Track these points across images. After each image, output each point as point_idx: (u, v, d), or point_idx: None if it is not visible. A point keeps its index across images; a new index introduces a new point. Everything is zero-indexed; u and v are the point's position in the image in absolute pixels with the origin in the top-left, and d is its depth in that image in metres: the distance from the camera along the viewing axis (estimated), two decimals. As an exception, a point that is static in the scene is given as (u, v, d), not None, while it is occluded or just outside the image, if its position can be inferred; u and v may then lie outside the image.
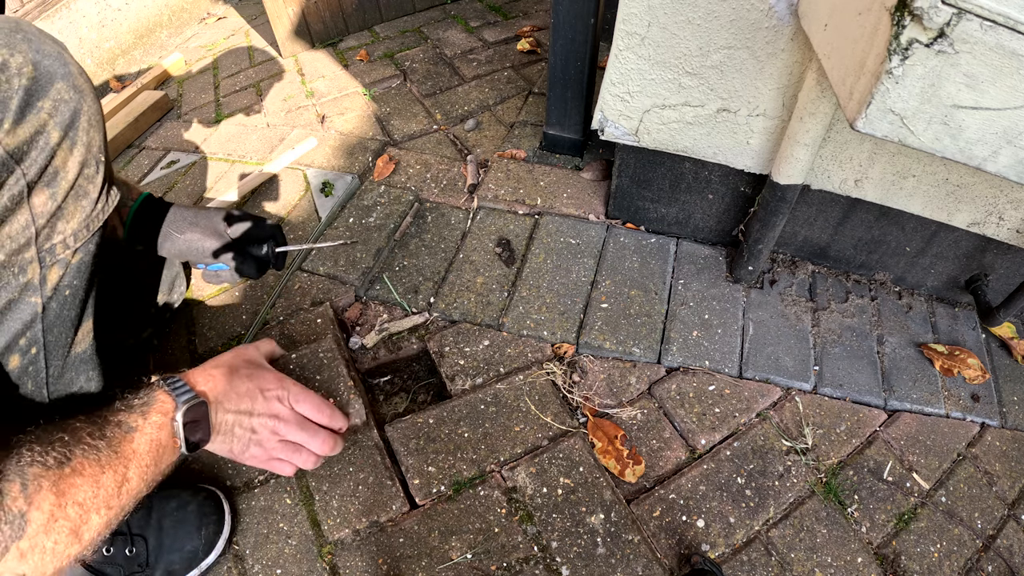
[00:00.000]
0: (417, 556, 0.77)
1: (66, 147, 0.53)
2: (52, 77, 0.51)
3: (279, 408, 0.73)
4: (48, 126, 0.51)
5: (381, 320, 1.03)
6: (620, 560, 0.77)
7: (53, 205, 0.53)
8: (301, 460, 0.74)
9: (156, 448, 0.58)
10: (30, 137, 0.49)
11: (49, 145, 0.51)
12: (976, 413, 0.95)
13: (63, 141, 0.53)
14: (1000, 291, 1.02)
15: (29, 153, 0.49)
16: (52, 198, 0.53)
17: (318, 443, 0.74)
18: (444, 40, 1.76)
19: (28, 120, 0.49)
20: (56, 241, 0.55)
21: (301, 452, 0.74)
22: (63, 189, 0.54)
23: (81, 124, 0.54)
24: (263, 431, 0.71)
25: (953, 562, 0.80)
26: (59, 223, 0.55)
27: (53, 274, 0.56)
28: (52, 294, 0.56)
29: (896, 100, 0.51)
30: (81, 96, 0.54)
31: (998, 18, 0.44)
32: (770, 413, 0.93)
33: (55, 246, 0.55)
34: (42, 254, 0.54)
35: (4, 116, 0.47)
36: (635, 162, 1.07)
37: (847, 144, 0.89)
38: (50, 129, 0.51)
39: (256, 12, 2.12)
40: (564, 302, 1.04)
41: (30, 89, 0.49)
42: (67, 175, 0.54)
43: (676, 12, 0.82)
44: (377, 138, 1.42)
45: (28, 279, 0.53)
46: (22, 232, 0.51)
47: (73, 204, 0.55)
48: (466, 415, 0.90)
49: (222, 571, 0.76)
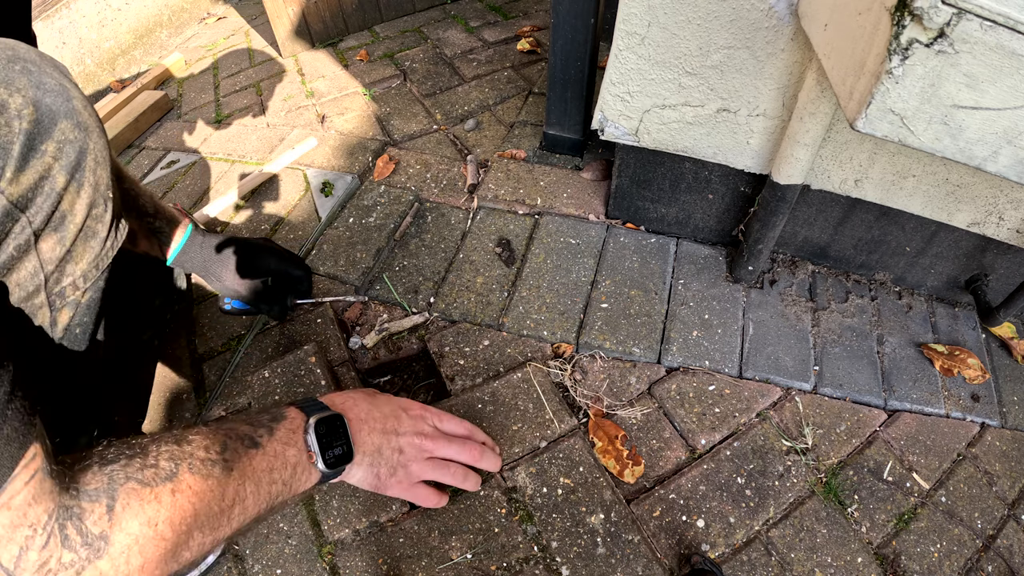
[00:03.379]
0: (417, 556, 0.77)
1: (73, 190, 0.51)
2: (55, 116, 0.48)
3: (424, 426, 0.73)
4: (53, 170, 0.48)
5: (381, 320, 1.03)
6: (620, 560, 0.77)
7: (62, 250, 0.51)
8: (454, 476, 0.74)
9: (284, 466, 0.56)
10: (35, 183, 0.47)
11: (55, 190, 0.49)
12: (976, 413, 0.95)
13: (70, 184, 0.50)
14: (1000, 291, 1.02)
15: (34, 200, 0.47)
16: (60, 243, 0.51)
17: (469, 453, 0.74)
18: (444, 40, 1.76)
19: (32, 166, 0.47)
20: (66, 284, 0.53)
21: (452, 467, 0.74)
22: (71, 233, 0.52)
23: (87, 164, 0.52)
24: (410, 449, 0.70)
25: (953, 562, 0.80)
26: (68, 266, 0.53)
27: (63, 316, 0.54)
28: (63, 335, 0.55)
29: (896, 100, 0.51)
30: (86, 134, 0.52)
31: (998, 18, 0.44)
32: (770, 413, 0.93)
33: (64, 289, 0.53)
34: (52, 298, 0.52)
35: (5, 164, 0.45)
36: (635, 162, 1.07)
37: (847, 144, 0.89)
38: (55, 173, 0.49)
39: (256, 12, 2.12)
40: (564, 302, 1.04)
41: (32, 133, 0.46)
42: (75, 218, 0.52)
43: (676, 12, 0.82)
44: (377, 138, 1.42)
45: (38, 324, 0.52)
46: (31, 279, 0.49)
47: (82, 246, 0.54)
48: (464, 415, 0.90)
49: (222, 571, 0.76)
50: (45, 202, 0.48)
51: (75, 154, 0.50)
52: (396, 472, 0.70)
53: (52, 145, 0.48)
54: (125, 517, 0.43)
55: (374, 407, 0.70)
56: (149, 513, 0.44)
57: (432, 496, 0.74)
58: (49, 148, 0.48)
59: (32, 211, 0.47)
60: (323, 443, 0.61)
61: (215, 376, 0.97)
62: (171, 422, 0.92)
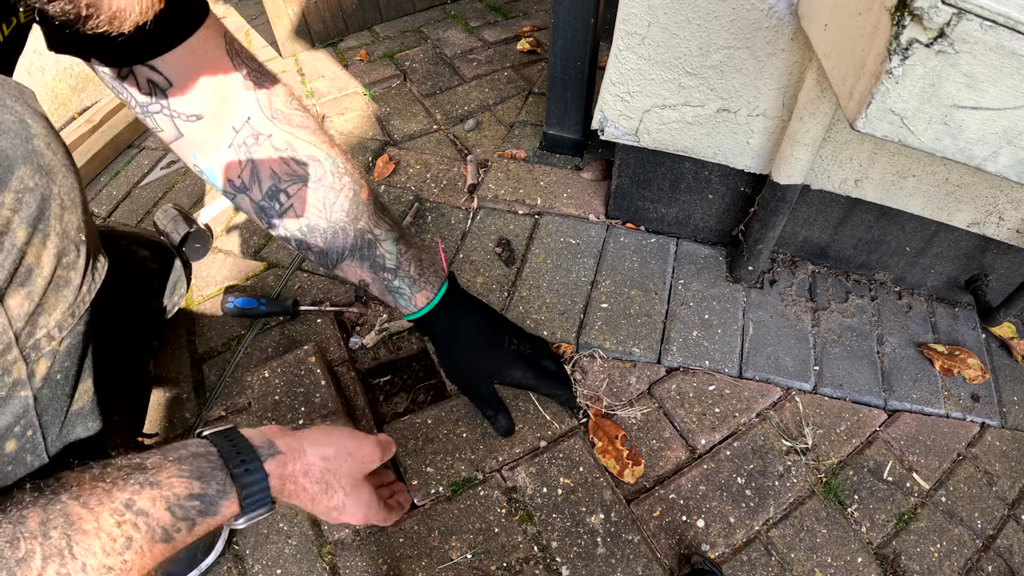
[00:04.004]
0: (417, 556, 0.77)
1: (38, 241, 0.46)
2: (12, 164, 0.43)
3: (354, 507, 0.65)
4: (12, 224, 0.44)
5: (381, 320, 1.03)
6: (620, 560, 0.77)
7: (31, 305, 0.47)
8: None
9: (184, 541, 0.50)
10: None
11: (16, 247, 0.44)
12: (976, 413, 0.95)
13: (33, 237, 0.46)
14: (1000, 291, 1.02)
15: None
16: (28, 297, 0.47)
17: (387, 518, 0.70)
18: (444, 40, 1.76)
19: None
20: (40, 336, 0.50)
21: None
22: (40, 287, 0.48)
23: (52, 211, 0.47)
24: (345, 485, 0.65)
25: (953, 562, 0.80)
26: (40, 318, 0.49)
27: (41, 366, 0.51)
28: (43, 384, 0.52)
29: (896, 100, 0.51)
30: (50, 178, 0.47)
31: (998, 18, 0.44)
32: (770, 413, 0.93)
33: (39, 341, 0.50)
34: (26, 352, 0.49)
35: None
36: (635, 162, 1.07)
37: (847, 144, 0.89)
38: (15, 227, 0.44)
39: (256, 12, 2.12)
40: (564, 302, 1.04)
41: None
42: (43, 271, 0.48)
43: (676, 12, 0.82)
44: (377, 138, 1.42)
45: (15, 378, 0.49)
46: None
47: (54, 296, 0.50)
48: (464, 415, 0.90)
49: (222, 571, 0.76)
50: (6, 259, 0.44)
51: (36, 203, 0.46)
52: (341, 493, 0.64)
53: (9, 196, 0.44)
54: None
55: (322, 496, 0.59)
56: None
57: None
58: (6, 200, 0.43)
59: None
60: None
61: (215, 376, 0.97)
62: (171, 422, 0.92)
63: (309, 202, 0.69)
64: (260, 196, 0.68)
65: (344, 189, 0.71)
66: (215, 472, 0.49)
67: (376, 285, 0.77)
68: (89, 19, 0.35)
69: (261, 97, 0.66)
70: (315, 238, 0.71)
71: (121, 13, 0.36)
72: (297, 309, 1.02)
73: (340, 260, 0.74)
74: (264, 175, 0.67)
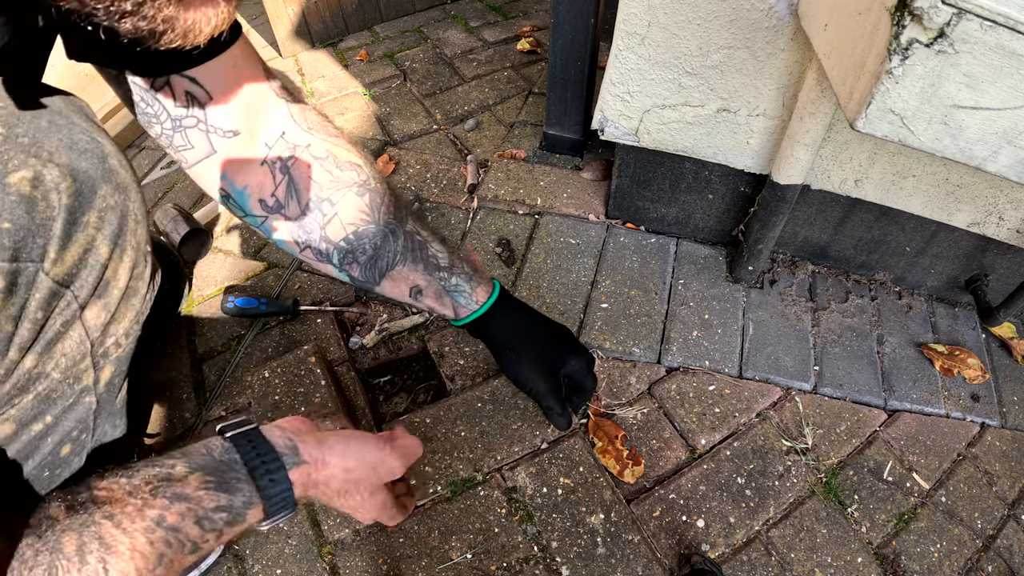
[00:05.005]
0: (417, 556, 0.77)
1: (116, 256, 0.49)
2: (94, 184, 0.45)
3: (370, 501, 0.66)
4: (96, 241, 0.46)
5: (381, 320, 1.03)
6: (620, 560, 0.77)
7: (106, 316, 0.50)
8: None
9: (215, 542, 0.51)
10: (79, 259, 0.45)
11: (100, 262, 0.47)
12: (976, 413, 0.95)
13: (113, 252, 0.48)
14: (1000, 291, 1.02)
15: (79, 275, 0.45)
16: (105, 309, 0.49)
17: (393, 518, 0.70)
18: (444, 40, 1.76)
19: (75, 240, 0.44)
20: (109, 344, 0.52)
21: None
22: (115, 298, 0.50)
23: (129, 227, 0.49)
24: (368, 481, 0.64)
25: (953, 562, 0.80)
26: (111, 327, 0.51)
27: (106, 372, 0.53)
28: (105, 389, 0.54)
29: (896, 100, 0.51)
30: (126, 195, 0.49)
31: (998, 18, 0.44)
32: (770, 413, 0.93)
33: (108, 349, 0.52)
34: (96, 359, 0.51)
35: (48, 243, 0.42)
36: (635, 162, 1.07)
37: (847, 144, 0.89)
38: (99, 244, 0.46)
39: (256, 12, 2.12)
40: (564, 302, 1.04)
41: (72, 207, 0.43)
42: (118, 283, 0.50)
43: (676, 12, 0.82)
44: (377, 138, 1.42)
45: (84, 385, 0.51)
46: (77, 348, 0.48)
47: (124, 306, 0.52)
48: (463, 414, 0.90)
49: (222, 571, 0.76)
50: (90, 275, 0.46)
51: (117, 220, 0.48)
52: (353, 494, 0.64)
53: (94, 215, 0.45)
54: None
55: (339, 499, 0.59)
56: None
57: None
58: (91, 219, 0.45)
59: (77, 285, 0.46)
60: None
61: (215, 376, 0.97)
62: (171, 422, 0.92)
63: (356, 207, 0.66)
64: (299, 211, 0.65)
65: (387, 194, 0.69)
66: (241, 484, 0.49)
67: (432, 287, 0.73)
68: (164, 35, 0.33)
69: (295, 111, 0.64)
70: (364, 244, 0.68)
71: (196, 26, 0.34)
72: (297, 309, 1.02)
73: (391, 266, 0.70)
74: (303, 186, 0.64)
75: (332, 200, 0.65)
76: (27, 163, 0.40)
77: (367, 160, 0.69)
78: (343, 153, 0.66)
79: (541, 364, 0.79)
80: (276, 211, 0.65)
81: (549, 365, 0.79)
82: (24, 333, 0.42)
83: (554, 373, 0.79)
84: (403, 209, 0.71)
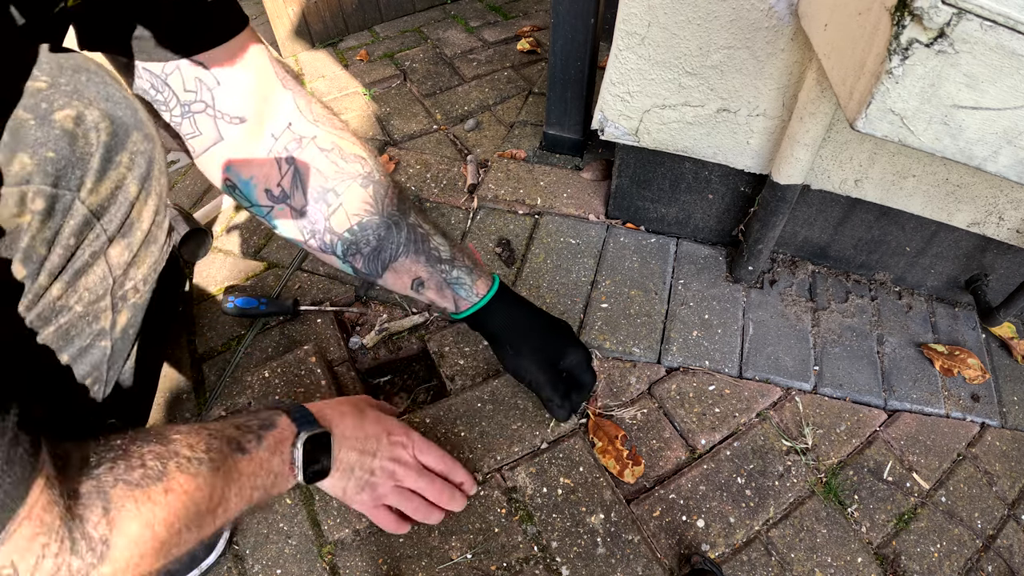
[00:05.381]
0: (417, 556, 0.77)
1: (142, 198, 0.52)
2: (128, 129, 0.49)
3: (402, 453, 0.72)
4: (127, 180, 0.50)
5: (381, 320, 1.03)
6: (620, 560, 0.77)
7: (129, 255, 0.53)
8: (414, 508, 0.73)
9: (267, 473, 0.57)
10: (111, 193, 0.49)
11: (128, 199, 0.51)
12: (976, 413, 0.95)
13: (140, 193, 0.52)
14: (1000, 291, 1.02)
15: (109, 209, 0.49)
16: (128, 248, 0.53)
17: (435, 490, 0.74)
18: (444, 40, 1.76)
19: (109, 176, 0.48)
20: (128, 288, 0.55)
21: (415, 500, 0.73)
22: (138, 239, 0.53)
23: (154, 173, 0.53)
24: (381, 474, 0.71)
25: (953, 562, 0.80)
26: (132, 270, 0.54)
27: (122, 317, 0.55)
28: (120, 336, 0.56)
29: (896, 100, 0.51)
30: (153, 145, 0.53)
31: (998, 18, 0.44)
32: (770, 413, 0.93)
33: (127, 292, 0.55)
34: (115, 301, 0.54)
35: (85, 174, 0.46)
36: (635, 162, 1.07)
37: (847, 144, 0.89)
38: (128, 183, 0.50)
39: (256, 12, 2.12)
40: (564, 302, 1.04)
41: (109, 144, 0.47)
42: (142, 225, 0.53)
43: (676, 12, 0.82)
44: (377, 138, 1.42)
45: (101, 326, 0.53)
46: (100, 284, 0.51)
47: (145, 251, 0.55)
48: (463, 414, 0.90)
49: (222, 571, 0.76)
50: (118, 211, 0.50)
51: (145, 164, 0.51)
52: (363, 491, 0.71)
53: (126, 156, 0.49)
54: (122, 520, 0.43)
55: (359, 426, 0.70)
56: (146, 515, 0.44)
57: (391, 522, 0.74)
58: (123, 159, 0.49)
59: (106, 219, 0.49)
60: (306, 459, 0.61)
61: (215, 376, 0.97)
62: (171, 422, 0.92)
63: (361, 198, 0.68)
64: (304, 201, 0.67)
65: (391, 187, 0.71)
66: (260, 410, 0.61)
67: (433, 279, 0.75)
68: None
69: (300, 102, 0.66)
70: (368, 235, 0.70)
71: None
72: (297, 309, 1.02)
73: (394, 258, 0.72)
74: (308, 177, 0.66)
75: (337, 191, 0.67)
76: (71, 104, 0.44)
77: (371, 153, 0.70)
78: (348, 146, 0.68)
79: (541, 356, 0.80)
80: (282, 201, 0.67)
81: (548, 357, 0.80)
82: (55, 259, 0.45)
83: (553, 365, 0.81)
84: (406, 202, 0.73)
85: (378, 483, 0.71)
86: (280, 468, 0.59)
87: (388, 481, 0.72)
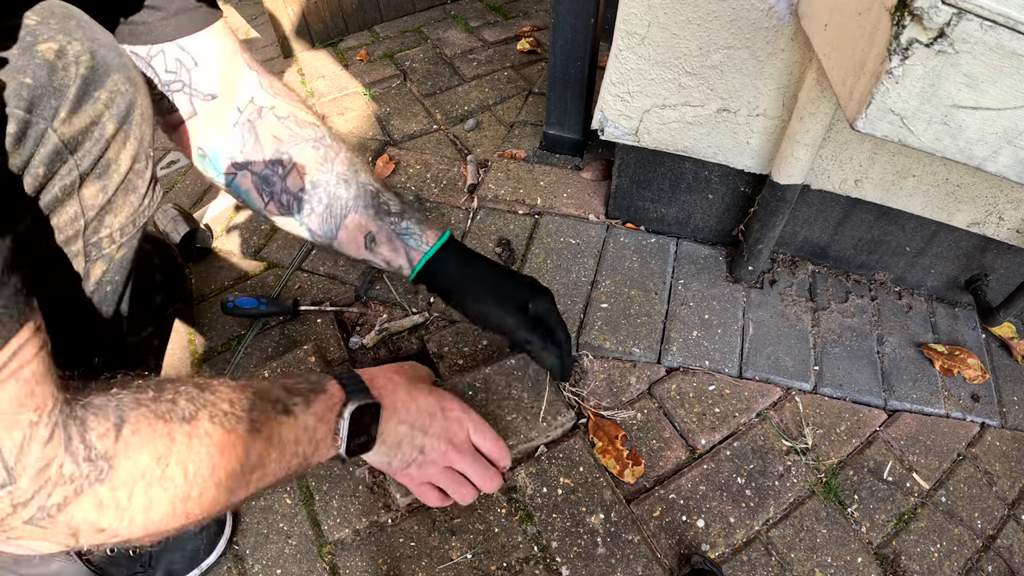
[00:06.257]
0: (417, 556, 0.77)
1: (120, 139, 0.52)
2: (108, 68, 0.49)
3: (458, 434, 0.71)
4: (104, 117, 0.49)
5: (381, 320, 1.03)
6: (620, 560, 0.77)
7: (103, 198, 0.52)
8: (460, 493, 0.71)
9: (309, 440, 0.55)
10: (85, 127, 0.48)
11: (104, 137, 0.50)
12: (976, 413, 0.95)
13: (117, 133, 0.51)
14: (1000, 291, 1.02)
15: (83, 144, 0.48)
16: (103, 190, 0.51)
17: (487, 478, 0.72)
18: (444, 40, 1.76)
19: (84, 110, 0.47)
20: (103, 235, 0.53)
21: (464, 485, 0.71)
22: (115, 182, 0.52)
23: (135, 118, 0.53)
24: (433, 453, 0.69)
25: (953, 562, 0.80)
26: (107, 217, 0.53)
27: (97, 269, 0.54)
28: (94, 288, 0.55)
29: (896, 100, 0.51)
30: (136, 89, 0.53)
31: (998, 18, 0.44)
32: (770, 413, 0.93)
33: (102, 240, 0.53)
34: (88, 248, 0.52)
35: (60, 104, 0.45)
36: (635, 162, 1.07)
37: (847, 144, 0.89)
38: (105, 120, 0.49)
39: (256, 12, 2.12)
40: (564, 302, 1.04)
41: (88, 78, 0.47)
42: (119, 168, 0.52)
43: (676, 12, 0.82)
44: (377, 138, 1.42)
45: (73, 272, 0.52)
46: (71, 224, 0.49)
47: (122, 198, 0.54)
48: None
49: (222, 571, 0.76)
50: (93, 147, 0.49)
51: (125, 105, 0.51)
52: (409, 467, 0.69)
53: (104, 93, 0.49)
54: (133, 444, 0.40)
55: (412, 398, 0.67)
56: (160, 449, 0.41)
57: (435, 499, 0.72)
58: (102, 96, 0.49)
59: (80, 154, 0.48)
60: (351, 430, 0.59)
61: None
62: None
63: (312, 158, 0.72)
64: (262, 166, 0.71)
65: (342, 150, 0.74)
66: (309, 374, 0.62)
67: (383, 232, 0.75)
68: None
69: (264, 81, 0.71)
70: (319, 192, 0.72)
71: None
72: (297, 309, 1.02)
73: (345, 214, 0.73)
74: (267, 142, 0.70)
75: (291, 154, 0.71)
76: (55, 38, 0.45)
77: (324, 124, 0.76)
78: (302, 115, 0.73)
79: (506, 298, 0.77)
80: (244, 167, 0.71)
81: (515, 300, 0.78)
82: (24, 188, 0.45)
83: (521, 309, 0.78)
84: (356, 164, 0.75)
85: (428, 462, 0.69)
86: (324, 435, 0.57)
87: (440, 461, 0.69)
